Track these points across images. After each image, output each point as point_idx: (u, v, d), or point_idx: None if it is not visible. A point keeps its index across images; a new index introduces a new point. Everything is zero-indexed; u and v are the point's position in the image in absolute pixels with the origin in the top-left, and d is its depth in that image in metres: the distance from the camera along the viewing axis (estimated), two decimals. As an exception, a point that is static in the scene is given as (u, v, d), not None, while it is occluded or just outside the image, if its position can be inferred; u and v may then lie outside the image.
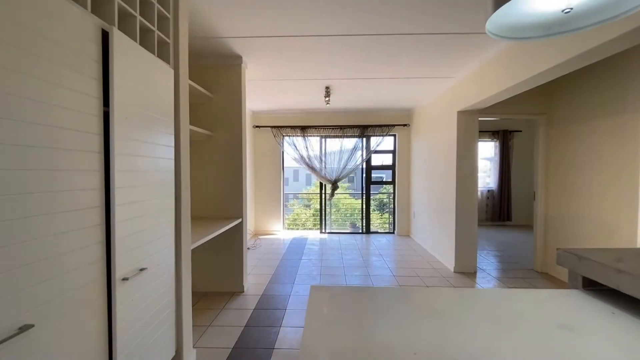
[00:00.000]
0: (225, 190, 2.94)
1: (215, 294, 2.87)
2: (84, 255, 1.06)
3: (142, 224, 1.34)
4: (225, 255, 2.94)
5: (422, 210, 4.76)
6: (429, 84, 3.68)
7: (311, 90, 3.95)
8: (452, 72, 3.24)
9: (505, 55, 2.53)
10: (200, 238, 2.09)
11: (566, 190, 3.25)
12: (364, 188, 5.67)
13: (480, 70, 2.92)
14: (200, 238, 2.08)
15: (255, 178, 5.58)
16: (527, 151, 6.46)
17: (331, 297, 1.07)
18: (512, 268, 3.65)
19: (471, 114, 3.42)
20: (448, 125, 3.68)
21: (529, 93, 3.32)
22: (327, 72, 3.26)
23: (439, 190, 3.98)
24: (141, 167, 1.34)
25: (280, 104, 4.84)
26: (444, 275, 3.38)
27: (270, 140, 5.47)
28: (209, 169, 2.94)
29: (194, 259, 2.92)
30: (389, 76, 3.41)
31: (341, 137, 5.40)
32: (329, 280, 3.22)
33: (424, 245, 4.62)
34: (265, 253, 4.30)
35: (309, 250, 4.44)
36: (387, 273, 3.47)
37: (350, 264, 3.78)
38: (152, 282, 1.41)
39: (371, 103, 4.73)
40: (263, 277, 3.32)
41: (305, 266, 3.71)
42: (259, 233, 5.57)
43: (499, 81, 2.61)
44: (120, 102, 1.21)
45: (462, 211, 3.46)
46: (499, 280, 3.25)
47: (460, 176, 3.45)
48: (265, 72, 3.25)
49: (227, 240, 2.92)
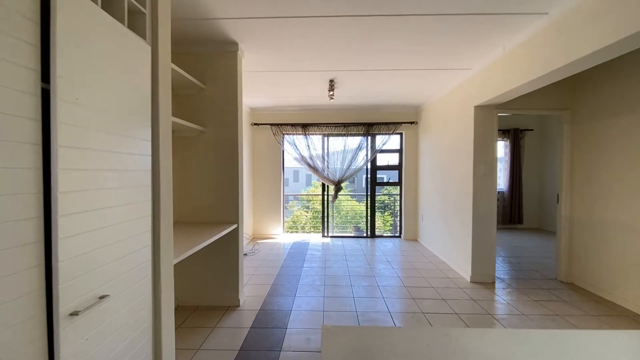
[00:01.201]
0: (219, 192, 2.64)
1: (207, 308, 2.57)
2: (11, 285, 0.76)
3: (102, 238, 1.03)
4: (218, 265, 2.63)
5: (432, 214, 4.46)
6: (442, 77, 3.39)
7: (314, 84, 3.65)
8: (470, 62, 2.94)
9: (538, 38, 2.22)
10: (187, 249, 1.78)
11: (593, 193, 2.95)
12: (369, 189, 5.37)
13: (504, 59, 2.63)
14: (188, 249, 1.77)
15: (254, 179, 5.28)
16: (539, 151, 6.17)
17: (348, 342, 0.80)
18: (532, 277, 3.35)
19: (489, 109, 3.13)
20: (463, 121, 3.38)
21: (551, 86, 3.04)
22: (331, 62, 2.97)
23: (453, 191, 3.68)
24: (100, 165, 1.04)
25: (280, 100, 4.54)
26: (459, 286, 3.08)
27: (269, 138, 5.16)
28: (201, 168, 2.64)
29: (183, 269, 2.62)
30: (399, 68, 3.12)
31: (345, 135, 5.10)
32: (334, 292, 2.91)
33: (434, 250, 4.31)
34: (264, 259, 3.99)
35: (311, 257, 4.13)
36: (396, 283, 3.16)
37: (356, 272, 3.48)
38: (117, 312, 1.11)
39: (377, 99, 4.43)
40: (261, 288, 3.01)
41: (308, 275, 3.40)
42: (257, 237, 5.27)
43: (527, 70, 2.31)
44: (68, 78, 0.91)
45: (480, 214, 3.15)
46: (520, 291, 2.95)
47: (477, 176, 3.15)
48: (264, 62, 2.95)
49: (221, 248, 2.62)
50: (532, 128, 6.11)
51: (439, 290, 2.96)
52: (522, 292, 2.93)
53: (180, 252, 1.70)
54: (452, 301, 2.72)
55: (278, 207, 5.29)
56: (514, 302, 2.72)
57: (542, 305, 2.65)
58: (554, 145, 5.90)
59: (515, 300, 2.75)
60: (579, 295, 2.86)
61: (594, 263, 2.93)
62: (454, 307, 2.60)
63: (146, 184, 1.31)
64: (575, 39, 1.87)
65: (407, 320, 2.38)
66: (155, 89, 1.38)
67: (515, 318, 2.43)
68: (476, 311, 2.54)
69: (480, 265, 3.18)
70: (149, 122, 1.34)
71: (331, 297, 2.80)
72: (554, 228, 5.87)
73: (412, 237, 5.19)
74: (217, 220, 2.64)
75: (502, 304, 2.68)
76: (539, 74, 2.20)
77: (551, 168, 5.96)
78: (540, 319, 2.41)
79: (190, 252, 1.74)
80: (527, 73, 2.32)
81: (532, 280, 3.26)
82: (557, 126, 5.65)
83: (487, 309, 2.59)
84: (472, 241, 3.18)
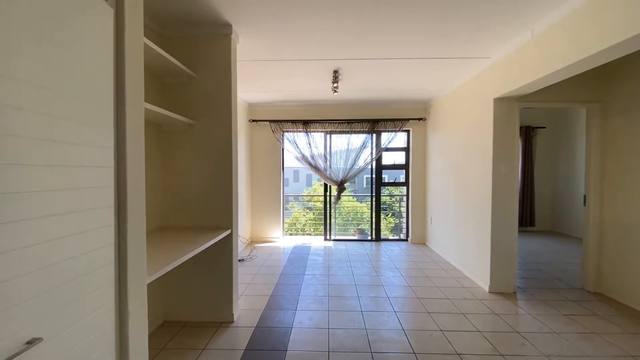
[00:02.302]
0: (211, 193, 2.34)
1: (197, 325, 2.27)
2: None
3: (29, 260, 0.74)
4: (210, 276, 2.34)
5: (442, 216, 4.17)
6: (456, 67, 3.09)
7: (317, 76, 3.35)
8: (489, 50, 2.65)
9: (574, 18, 1.93)
10: (171, 260, 1.49)
11: (627, 194, 2.66)
12: (374, 190, 5.07)
13: (531, 44, 2.33)
14: (171, 261, 1.48)
15: (252, 179, 4.98)
16: (552, 149, 5.88)
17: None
18: (556, 287, 3.05)
19: (510, 101, 2.83)
20: (480, 115, 3.08)
21: (577, 77, 2.74)
22: (335, 50, 2.67)
23: (468, 193, 3.38)
24: (32, 159, 0.75)
25: (279, 95, 4.25)
26: (478, 297, 2.78)
27: (268, 136, 4.87)
28: (190, 166, 2.34)
29: (170, 280, 2.33)
30: (410, 56, 2.82)
31: (348, 132, 4.81)
32: (340, 304, 2.61)
33: (445, 256, 4.02)
34: (262, 266, 3.70)
35: (313, 262, 3.84)
36: (408, 294, 2.86)
37: (362, 281, 3.18)
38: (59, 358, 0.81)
39: (383, 93, 4.14)
40: (258, 300, 2.72)
41: (310, 284, 3.10)
42: (256, 241, 4.97)
43: (562, 55, 2.02)
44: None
45: (500, 218, 2.86)
46: (546, 304, 2.65)
47: (497, 176, 2.86)
48: (262, 49, 2.66)
49: (213, 256, 2.33)
50: (545, 125, 5.81)
51: (455, 303, 2.66)
52: (549, 305, 2.64)
53: (161, 265, 1.41)
54: (472, 316, 2.42)
55: (277, 209, 5.00)
56: (541, 316, 2.42)
57: (574, 321, 2.36)
58: (568, 143, 5.61)
59: (543, 315, 2.45)
60: (611, 309, 2.57)
61: (628, 272, 2.64)
62: (475, 323, 2.31)
63: (106, 184, 1.02)
64: (624, 16, 1.57)
65: (424, 341, 2.08)
66: (120, 65, 1.08)
67: (546, 337, 2.13)
68: (501, 328, 2.25)
69: (500, 273, 2.88)
70: (110, 106, 1.04)
71: (336, 310, 2.50)
72: (569, 231, 5.63)
73: (420, 241, 4.90)
74: (209, 225, 2.34)
75: (529, 319, 2.38)
76: (574, 60, 1.92)
77: (565, 167, 5.67)
78: (575, 339, 2.12)
79: (170, 267, 1.45)
80: (561, 58, 2.02)
81: (556, 290, 2.97)
82: (575, 122, 5.37)
83: (512, 325, 2.29)
84: (491, 247, 2.88)
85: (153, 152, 2.24)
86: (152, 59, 1.97)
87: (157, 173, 2.29)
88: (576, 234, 5.32)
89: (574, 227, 5.41)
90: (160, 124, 2.29)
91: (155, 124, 2.27)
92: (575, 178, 5.44)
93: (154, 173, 2.25)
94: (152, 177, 2.23)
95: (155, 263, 1.45)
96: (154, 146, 2.26)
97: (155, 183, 2.27)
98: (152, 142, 2.22)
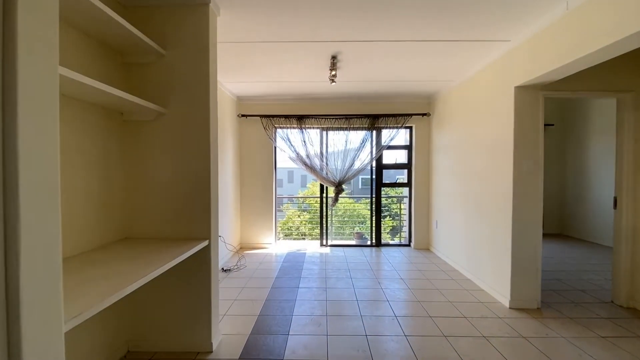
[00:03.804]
0: (185, 196, 1.94)
1: (167, 356, 1.86)
2: None
3: None
4: (184, 296, 1.93)
5: (450, 220, 3.81)
6: (473, 52, 2.73)
7: (312, 62, 2.97)
8: (509, 32, 2.30)
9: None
10: (119, 287, 1.09)
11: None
12: (374, 191, 4.70)
13: (564, 21, 1.98)
14: (115, 292, 1.08)
15: (242, 180, 4.57)
16: (560, 148, 5.58)
17: None
18: (582, 300, 2.71)
19: (534, 90, 2.48)
20: (497, 107, 2.73)
21: (606, 64, 2.40)
22: (334, 30, 2.30)
23: (482, 194, 3.03)
24: None
25: (271, 87, 3.85)
26: (498, 315, 2.42)
27: (259, 133, 4.46)
28: (159, 163, 1.93)
29: (135, 300, 1.91)
30: (422, 39, 2.46)
31: (347, 129, 4.43)
32: (340, 326, 2.22)
33: (454, 263, 3.66)
34: (250, 277, 3.29)
35: (309, 272, 3.44)
36: (419, 312, 2.48)
37: (364, 296, 2.80)
38: None
39: (385, 85, 3.77)
40: (244, 322, 2.31)
41: (305, 299, 2.71)
42: (246, 247, 4.55)
43: (603, 33, 1.66)
44: None
45: (522, 222, 2.51)
46: (578, 322, 2.30)
47: (519, 175, 2.50)
48: (248, 29, 2.27)
49: (188, 272, 1.92)
50: (553, 123, 5.51)
51: (474, 322, 2.29)
52: (580, 324, 2.28)
53: (108, 292, 1.00)
54: (497, 340, 2.05)
55: (269, 213, 4.59)
56: (576, 340, 2.07)
57: (615, 345, 2.00)
58: (577, 142, 5.32)
59: (578, 338, 2.09)
60: (653, 328, 2.23)
61: (670, 285, 2.30)
62: (502, 351, 1.93)
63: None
64: None
65: (445, 376, 1.70)
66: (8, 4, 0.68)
67: (590, 368, 1.77)
68: (534, 356, 1.88)
69: (523, 287, 2.53)
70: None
71: (337, 335, 2.11)
72: (580, 234, 5.29)
73: (424, 246, 4.54)
74: (182, 235, 1.93)
75: (563, 345, 2.02)
76: (625, 34, 1.57)
77: (574, 167, 5.38)
78: (623, 370, 1.76)
79: (115, 297, 1.04)
80: (606, 35, 1.67)
81: (583, 305, 2.62)
82: (586, 119, 5.03)
83: (546, 352, 1.93)
84: (512, 256, 2.53)
85: (112, 146, 1.83)
86: (111, 31, 1.57)
87: (116, 172, 1.88)
88: (588, 238, 5.03)
89: (585, 230, 5.10)
90: (122, 111, 1.88)
91: (115, 112, 1.86)
92: (586, 179, 5.14)
93: (112, 172, 1.84)
94: (110, 176, 1.82)
95: (100, 290, 1.05)
96: (114, 139, 1.85)
97: (115, 184, 1.86)
98: (111, 134, 1.81)
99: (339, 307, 2.55)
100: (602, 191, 4.82)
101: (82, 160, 1.60)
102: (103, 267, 1.34)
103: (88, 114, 1.64)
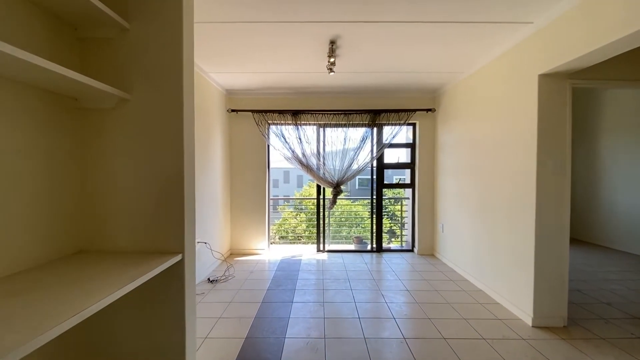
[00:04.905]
0: (153, 200, 1.59)
1: (130, 397, 1.52)
2: None
3: None
4: (152, 320, 1.59)
5: (458, 224, 3.50)
6: (488, 37, 2.43)
7: (308, 48, 2.64)
8: (530, 13, 1.99)
9: None
10: (55, 323, 0.75)
11: None
12: (374, 192, 4.38)
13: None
14: (55, 325, 0.74)
15: (232, 181, 4.23)
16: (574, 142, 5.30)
17: None
18: (611, 316, 2.41)
19: (561, 78, 2.19)
20: (517, 98, 2.43)
21: (632, 51, 2.12)
22: (332, 6, 1.98)
23: (497, 195, 2.72)
24: None
25: (263, 79, 3.52)
26: (521, 335, 2.11)
27: (251, 129, 4.13)
28: (122, 161, 1.59)
29: (92, 325, 1.56)
30: (432, 19, 2.15)
31: (346, 125, 4.11)
32: (341, 353, 1.89)
33: (462, 272, 3.35)
34: (239, 289, 2.95)
35: (304, 283, 3.11)
36: (431, 333, 2.17)
37: (367, 312, 2.47)
38: None
39: (387, 77, 3.46)
40: (228, 347, 1.97)
41: (300, 317, 2.38)
42: (236, 253, 4.20)
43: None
44: None
45: (547, 228, 2.21)
46: (612, 344, 2.00)
47: (543, 174, 2.20)
48: (233, 4, 1.93)
49: (157, 292, 1.58)
50: (561, 121, 5.23)
51: (495, 346, 1.98)
52: (617, 347, 1.98)
53: (47, 324, 0.66)
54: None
55: (262, 216, 4.25)
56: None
57: (664, 375, 1.70)
58: (588, 141, 5.05)
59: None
60: (701, 351, 1.93)
61: None
62: (534, 384, 1.62)
63: None
64: None
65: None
66: None
67: (644, 409, 1.47)
68: (572, 392, 1.57)
69: (548, 302, 2.22)
70: None
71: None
72: (592, 239, 4.95)
73: (428, 252, 4.23)
74: (150, 249, 1.59)
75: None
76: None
77: (584, 168, 5.12)
78: (683, 410, 1.46)
79: (45, 338, 0.70)
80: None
81: (613, 322, 2.32)
82: (598, 116, 4.67)
83: (586, 386, 1.62)
84: (535, 267, 2.22)
85: (64, 138, 1.49)
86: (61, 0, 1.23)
87: (70, 170, 1.53)
88: (600, 242, 4.76)
89: (598, 234, 4.84)
90: (75, 97, 1.54)
91: (68, 97, 1.51)
92: (597, 180, 4.88)
93: (64, 170, 1.49)
94: (62, 175, 1.48)
95: (38, 320, 0.71)
96: (66, 130, 1.51)
97: (67, 185, 1.51)
98: (63, 124, 1.47)
99: (338, 328, 2.22)
100: (615, 191, 4.56)
101: (24, 160, 1.26)
102: (45, 288, 1.00)
103: (32, 101, 1.30)
